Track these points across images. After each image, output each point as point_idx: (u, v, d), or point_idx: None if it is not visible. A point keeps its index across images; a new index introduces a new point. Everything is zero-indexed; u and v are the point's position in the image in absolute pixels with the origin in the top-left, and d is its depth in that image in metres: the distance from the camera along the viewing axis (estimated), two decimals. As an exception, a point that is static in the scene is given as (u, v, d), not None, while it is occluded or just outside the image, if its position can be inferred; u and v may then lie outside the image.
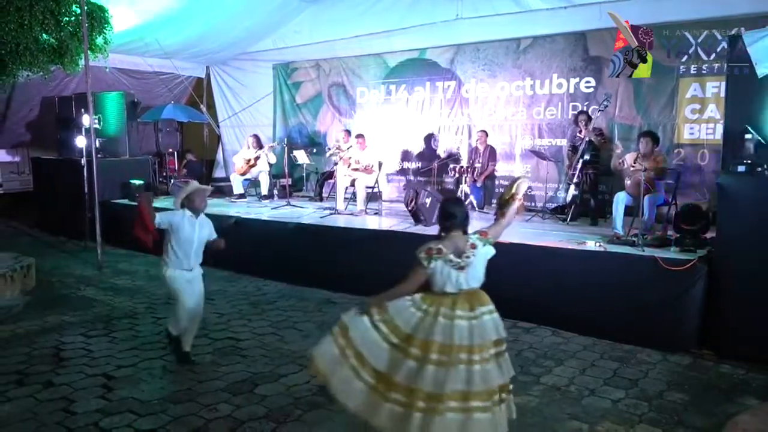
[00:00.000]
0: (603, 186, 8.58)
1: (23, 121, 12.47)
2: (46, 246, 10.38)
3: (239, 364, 5.21)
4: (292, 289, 7.68)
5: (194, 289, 5.08)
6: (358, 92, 11.71)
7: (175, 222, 4.94)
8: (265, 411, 4.32)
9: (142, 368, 5.10)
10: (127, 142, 11.37)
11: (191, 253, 5.01)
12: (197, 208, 5.01)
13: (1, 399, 4.48)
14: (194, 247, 5.02)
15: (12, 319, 6.38)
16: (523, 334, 5.93)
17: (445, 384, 3.24)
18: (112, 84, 12.03)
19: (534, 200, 9.59)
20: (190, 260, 5.02)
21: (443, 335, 3.36)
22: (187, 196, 4.99)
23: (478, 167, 9.41)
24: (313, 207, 9.99)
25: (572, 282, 5.99)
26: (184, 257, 4.98)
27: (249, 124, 13.10)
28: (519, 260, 6.27)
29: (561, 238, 6.73)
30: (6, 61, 7.55)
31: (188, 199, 5.00)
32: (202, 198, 5.06)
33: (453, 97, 10.52)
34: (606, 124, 8.76)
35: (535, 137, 9.69)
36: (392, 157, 11.06)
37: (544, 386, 4.77)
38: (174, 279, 4.98)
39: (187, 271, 5.02)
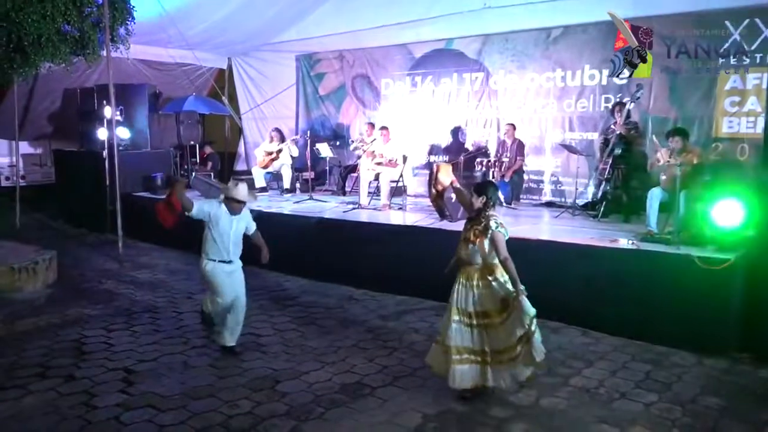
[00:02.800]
0: (636, 181, 8.45)
1: (45, 113, 12.71)
2: (67, 238, 10.58)
3: (260, 360, 5.27)
4: (313, 284, 7.73)
5: (234, 282, 5.21)
6: (382, 84, 11.70)
7: (213, 213, 5.06)
8: (286, 408, 4.36)
9: (163, 363, 5.18)
10: (149, 134, 11.53)
11: (230, 245, 5.13)
12: (233, 210, 5.13)
13: (24, 392, 4.59)
14: (232, 239, 5.13)
15: (34, 312, 6.53)
16: (551, 334, 5.88)
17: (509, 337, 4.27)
18: (134, 75, 12.18)
19: (564, 196, 9.51)
20: (229, 252, 5.14)
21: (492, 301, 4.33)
22: (232, 197, 5.08)
23: (506, 161, 9.35)
24: (336, 201, 10.02)
25: (603, 281, 5.93)
26: (223, 248, 5.10)
27: (271, 116, 13.18)
28: (547, 258, 6.23)
29: (592, 236, 6.67)
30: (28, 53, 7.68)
31: (227, 202, 5.11)
32: (240, 209, 5.15)
33: (481, 88, 10.45)
34: (639, 117, 8.63)
35: (565, 130, 9.59)
36: (418, 151, 11.03)
37: (572, 388, 4.73)
38: (213, 272, 5.11)
39: (227, 263, 5.13)
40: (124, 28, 8.85)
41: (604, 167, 8.04)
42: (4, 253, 7.80)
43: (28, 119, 12.32)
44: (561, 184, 9.63)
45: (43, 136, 13.25)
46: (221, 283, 5.12)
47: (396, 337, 5.81)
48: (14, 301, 6.86)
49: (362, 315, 6.56)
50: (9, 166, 13.02)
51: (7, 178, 13.03)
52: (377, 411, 4.33)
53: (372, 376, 4.91)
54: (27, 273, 7.25)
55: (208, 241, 5.10)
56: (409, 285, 7.13)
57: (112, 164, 9.29)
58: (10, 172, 12.95)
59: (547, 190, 9.84)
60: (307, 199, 10.05)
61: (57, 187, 12.31)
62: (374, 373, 4.98)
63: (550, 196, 9.77)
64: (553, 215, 8.45)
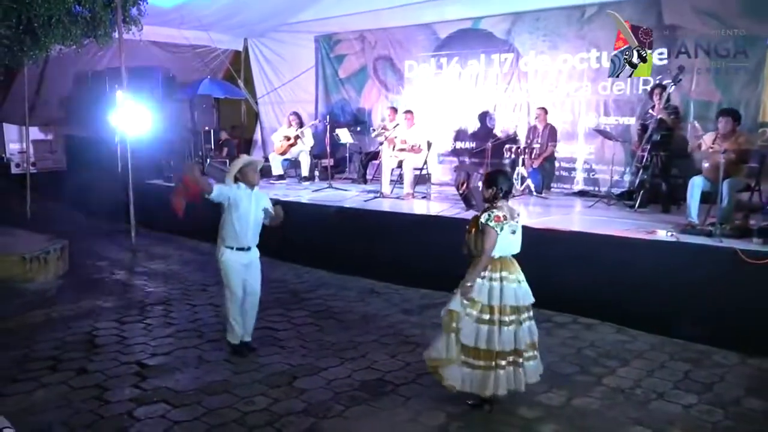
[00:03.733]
0: (676, 169, 8.35)
1: (56, 98, 12.88)
2: (79, 228, 10.73)
3: (277, 355, 5.32)
4: (333, 277, 7.76)
5: (249, 274, 5.25)
6: (405, 66, 11.66)
7: (233, 195, 5.09)
8: (303, 406, 4.39)
9: (177, 357, 5.26)
10: (162, 119, 11.63)
11: (249, 229, 5.16)
12: (251, 182, 5.17)
13: (36, 384, 4.69)
14: (252, 222, 5.17)
15: (46, 303, 6.66)
16: (583, 330, 5.86)
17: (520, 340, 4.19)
18: (147, 58, 12.28)
19: (598, 184, 9.43)
20: (248, 237, 5.18)
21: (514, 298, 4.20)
22: (240, 170, 5.15)
23: (537, 148, 9.28)
24: (357, 190, 10.05)
25: (640, 275, 5.88)
26: (243, 234, 5.13)
27: (289, 101, 13.22)
28: (580, 250, 6.20)
29: (628, 227, 6.62)
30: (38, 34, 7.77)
31: (241, 173, 5.15)
32: (254, 171, 5.22)
33: (510, 71, 10.37)
34: (680, 101, 8.50)
35: (600, 115, 9.49)
36: (443, 137, 11.01)
37: (606, 388, 4.71)
38: (229, 264, 5.15)
39: (245, 251, 5.17)
40: (137, 7, 8.92)
41: (641, 154, 7.96)
42: (15, 242, 7.97)
43: (39, 104, 12.50)
44: (595, 172, 9.55)
45: (53, 121, 13.44)
46: (235, 278, 5.16)
47: (419, 333, 5.82)
48: (25, 291, 7.01)
49: (384, 309, 6.58)
50: (19, 152, 13.23)
51: (18, 165, 13.26)
52: (399, 409, 4.35)
53: (394, 373, 4.93)
54: (38, 263, 7.39)
55: (226, 226, 5.14)
56: (433, 278, 7.11)
57: (124, 150, 9.40)
58: (20, 158, 13.17)
59: (580, 179, 9.76)
60: (326, 187, 10.09)
61: (68, 175, 12.51)
62: (396, 369, 4.99)
63: (582, 185, 9.70)
64: (586, 205, 8.39)
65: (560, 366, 5.05)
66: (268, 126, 13.72)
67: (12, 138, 13.47)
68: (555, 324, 5.98)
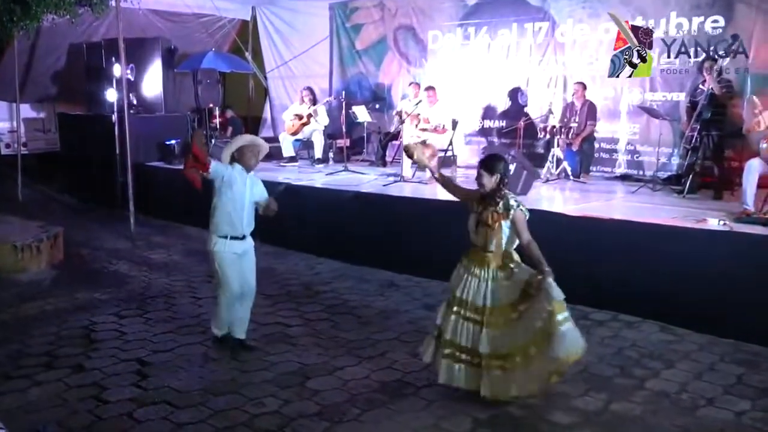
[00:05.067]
0: (730, 151, 8.26)
1: (49, 72, 13.03)
2: (74, 213, 10.90)
3: (288, 353, 5.36)
4: (349, 268, 7.79)
5: (244, 266, 5.21)
6: (429, 36, 11.61)
7: (227, 174, 5.04)
8: (317, 408, 4.43)
9: (180, 354, 5.32)
10: (163, 95, 11.71)
11: (243, 215, 5.13)
12: (247, 165, 5.13)
13: (30, 382, 4.78)
14: (246, 208, 5.14)
15: (40, 295, 6.77)
16: (624, 328, 5.84)
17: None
18: (146, 28, 12.36)
19: (642, 168, 9.35)
20: (243, 223, 5.15)
21: None
22: (238, 149, 5.12)
23: (574, 127, 9.22)
24: (375, 173, 10.05)
25: (688, 268, 5.83)
26: (237, 219, 5.10)
27: (301, 75, 13.23)
28: (621, 241, 6.17)
29: (675, 215, 6.58)
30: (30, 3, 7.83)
31: (239, 153, 5.12)
32: (254, 154, 5.17)
33: (545, 41, 10.29)
34: (735, 74, 8.38)
35: (645, 90, 9.39)
36: (470, 115, 10.96)
37: (649, 392, 4.69)
38: (222, 255, 5.11)
39: (239, 240, 5.15)
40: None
41: (691, 134, 7.89)
42: (6, 229, 8.10)
43: (30, 79, 12.65)
44: (639, 154, 9.46)
45: (46, 97, 13.58)
46: (229, 271, 5.11)
47: (443, 330, 5.82)
48: (18, 282, 7.13)
49: (404, 303, 6.60)
50: (9, 131, 13.41)
51: (8, 145, 13.43)
52: (421, 413, 4.37)
53: (415, 374, 4.94)
54: (31, 252, 7.50)
55: (218, 211, 5.10)
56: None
57: (122, 130, 9.48)
58: (10, 138, 13.34)
59: (622, 161, 9.69)
60: (341, 170, 10.10)
61: (62, 156, 12.65)
62: (418, 370, 5.00)
63: (625, 168, 9.62)
64: (629, 190, 8.34)
65: (599, 367, 5.04)
66: (278, 103, 13.76)
67: (1, 116, 13.63)
68: (593, 322, 5.96)
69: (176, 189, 10.14)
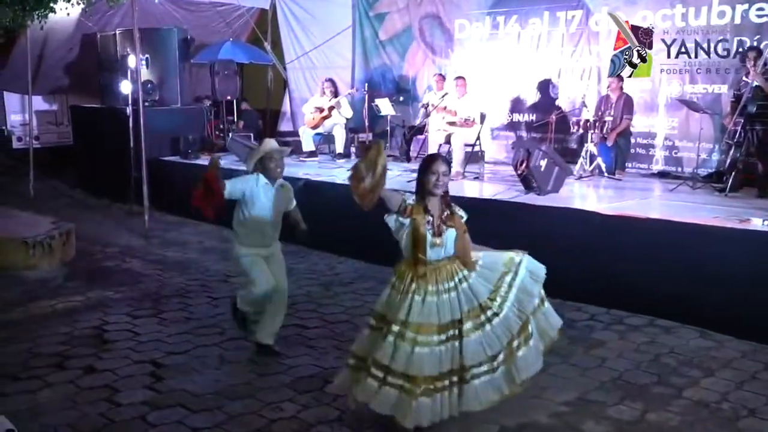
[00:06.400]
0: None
1: (61, 63, 13.18)
2: (87, 209, 11.02)
3: (307, 356, 5.37)
4: (370, 268, 7.80)
5: (273, 267, 5.20)
6: (456, 25, 11.58)
7: (248, 190, 5.01)
8: (337, 414, 4.43)
9: (195, 356, 5.35)
10: (179, 87, 11.80)
11: (267, 228, 5.12)
12: (271, 175, 5.09)
13: (41, 384, 4.83)
14: (271, 221, 5.12)
15: (51, 294, 6.85)
16: (661, 334, 5.78)
17: None
18: (162, 18, 12.46)
19: (681, 164, 9.27)
20: (266, 236, 5.14)
21: None
22: (259, 159, 5.07)
23: (609, 121, 9.15)
24: (399, 169, 10.04)
25: (730, 271, 5.76)
26: (260, 233, 5.10)
27: (322, 66, 13.27)
28: (659, 241, 6.11)
29: (716, 214, 6.52)
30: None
31: (261, 164, 5.07)
32: (278, 162, 5.10)
33: (578, 30, 10.22)
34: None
35: (685, 82, 9.30)
36: (497, 108, 10.92)
37: (687, 401, 4.65)
38: (249, 259, 5.11)
39: (263, 248, 5.16)
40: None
41: (734, 128, 7.82)
42: (17, 225, 8.20)
43: (42, 70, 12.79)
44: (678, 150, 9.37)
45: (58, 89, 13.75)
46: (257, 270, 5.10)
47: (469, 334, 5.81)
48: (28, 280, 7.22)
49: (428, 306, 6.58)
50: (21, 124, 13.60)
51: (20, 138, 13.64)
52: (447, 421, 4.35)
53: (440, 380, 4.94)
54: (42, 248, 7.59)
55: (240, 224, 5.10)
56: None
57: (136, 123, 9.57)
58: (22, 131, 13.53)
59: (660, 157, 9.60)
60: (363, 166, 10.09)
61: (75, 150, 12.80)
62: (442, 375, 5.00)
63: (663, 165, 9.55)
64: (666, 188, 8.27)
65: (634, 375, 5.00)
66: (298, 95, 13.80)
67: (13, 109, 13.83)
68: (628, 327, 5.91)
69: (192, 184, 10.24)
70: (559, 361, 5.21)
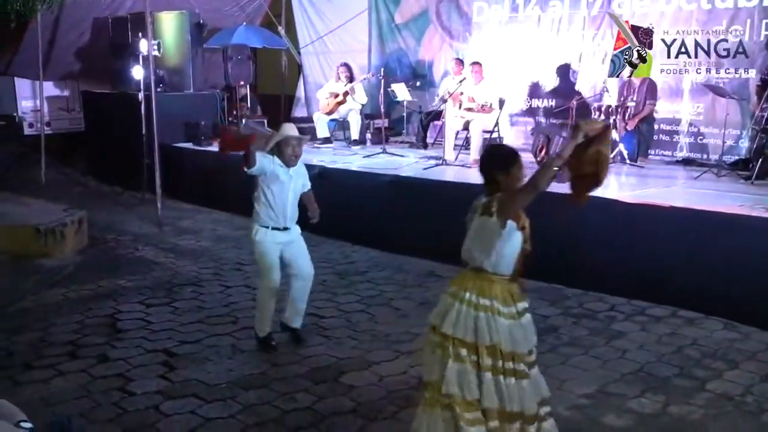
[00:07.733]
0: (804, 133, 8.08)
1: (72, 48, 13.22)
2: (99, 197, 11.10)
3: (322, 346, 5.40)
4: (386, 257, 7.81)
5: (293, 253, 5.31)
6: (474, 8, 11.50)
7: (271, 170, 5.11)
8: (352, 405, 4.46)
9: (208, 345, 5.40)
10: (191, 73, 11.82)
11: (287, 207, 5.20)
12: (286, 162, 5.15)
13: (53, 372, 4.90)
14: (290, 200, 5.21)
15: (63, 282, 6.93)
16: (685, 326, 5.75)
17: None
18: (174, 1, 12.46)
19: (707, 151, 9.18)
20: (286, 217, 5.22)
21: None
22: (276, 143, 5.12)
23: (632, 107, 9.08)
24: (415, 156, 10.03)
25: (755, 261, 5.73)
26: (279, 212, 5.18)
27: (337, 51, 13.23)
28: (682, 230, 6.07)
29: (742, 202, 6.47)
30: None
31: (277, 147, 5.13)
32: (295, 149, 5.17)
33: (600, 13, 10.11)
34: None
35: (711, 67, 9.19)
36: (516, 94, 10.85)
37: (711, 394, 4.63)
38: (264, 245, 5.19)
39: (282, 230, 5.22)
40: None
41: (762, 114, 7.78)
42: (29, 212, 8.28)
43: (53, 55, 12.85)
44: (703, 136, 9.28)
45: (70, 75, 13.79)
46: (269, 260, 5.18)
47: (487, 324, 5.80)
48: (41, 268, 7.29)
49: (445, 296, 6.58)
50: (33, 110, 13.66)
51: (31, 125, 13.69)
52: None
53: (456, 370, 4.94)
54: (54, 236, 7.66)
55: (261, 203, 5.18)
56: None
57: (149, 109, 9.60)
58: (33, 117, 13.59)
59: (684, 144, 9.51)
60: (379, 152, 10.10)
61: (87, 137, 12.87)
62: (459, 366, 5.01)
63: (687, 152, 9.45)
64: (691, 176, 8.20)
65: (656, 367, 4.99)
66: (313, 81, 13.78)
67: (24, 95, 13.87)
68: (650, 318, 5.89)
69: (205, 172, 10.29)
70: (580, 352, 5.21)
